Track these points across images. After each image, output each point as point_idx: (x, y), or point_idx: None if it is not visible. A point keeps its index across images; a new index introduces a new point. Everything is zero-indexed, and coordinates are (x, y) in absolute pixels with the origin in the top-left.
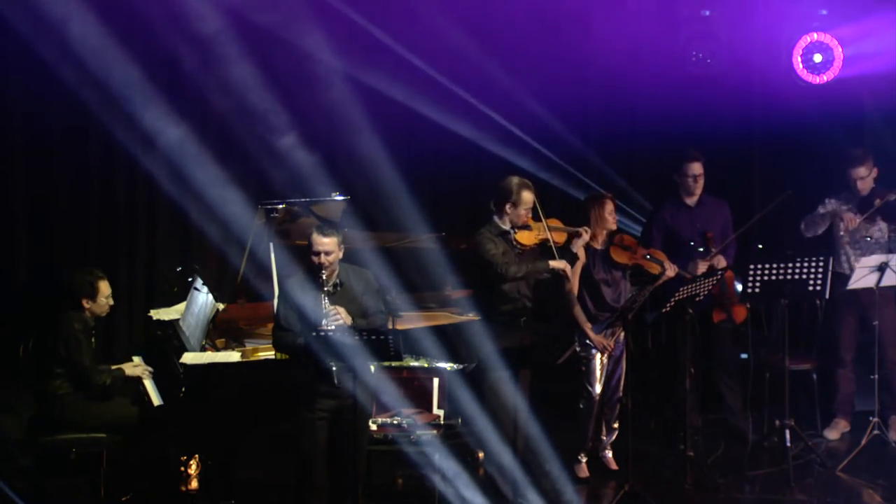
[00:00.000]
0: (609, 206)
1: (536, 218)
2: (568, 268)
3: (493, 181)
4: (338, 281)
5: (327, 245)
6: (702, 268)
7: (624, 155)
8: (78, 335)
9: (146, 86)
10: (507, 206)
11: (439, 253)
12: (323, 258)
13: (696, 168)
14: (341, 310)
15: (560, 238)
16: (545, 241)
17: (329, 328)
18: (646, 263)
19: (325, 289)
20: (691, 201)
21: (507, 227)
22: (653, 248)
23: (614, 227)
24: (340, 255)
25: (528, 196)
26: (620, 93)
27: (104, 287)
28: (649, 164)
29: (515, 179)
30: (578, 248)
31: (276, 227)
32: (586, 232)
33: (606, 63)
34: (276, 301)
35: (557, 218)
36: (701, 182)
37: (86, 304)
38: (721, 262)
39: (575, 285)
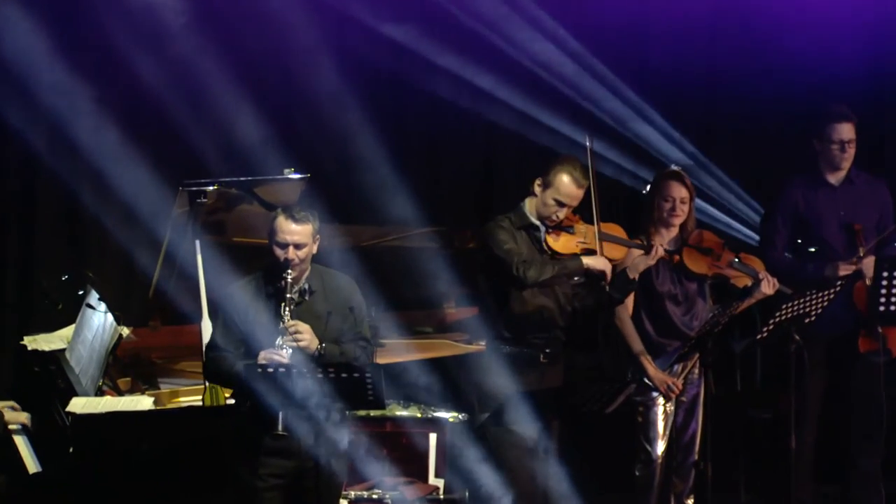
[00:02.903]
0: (677, 188)
1: (587, 220)
2: (608, 268)
3: (515, 153)
4: (306, 286)
5: (298, 234)
6: (844, 271)
7: (701, 117)
8: None
9: (21, 14)
10: (536, 184)
11: (438, 255)
12: (291, 252)
13: (846, 131)
14: (305, 327)
15: (615, 253)
16: (588, 252)
17: (282, 351)
18: (732, 273)
19: (288, 295)
20: (835, 178)
21: (534, 218)
22: (744, 253)
23: (682, 218)
24: (314, 250)
25: (567, 184)
26: (694, 29)
27: None
28: (737, 128)
29: (565, 157)
30: (639, 270)
31: (204, 218)
32: (660, 247)
33: None
34: (203, 322)
35: (618, 224)
36: (851, 152)
37: None
38: (871, 266)
39: (629, 303)
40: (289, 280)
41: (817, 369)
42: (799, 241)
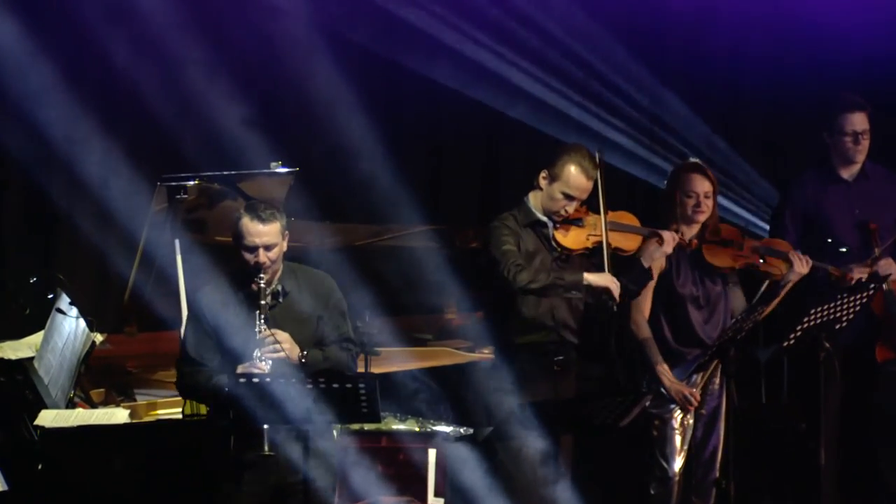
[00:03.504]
0: (701, 182)
1: (595, 209)
2: (615, 287)
3: (522, 143)
4: (279, 288)
5: (267, 235)
6: (858, 275)
7: (726, 103)
8: None
9: None
10: (542, 177)
11: (438, 255)
12: (262, 255)
13: (858, 121)
14: (283, 336)
15: (628, 244)
16: (600, 244)
17: (261, 364)
18: (758, 260)
19: (263, 302)
20: (848, 173)
21: (540, 214)
22: (768, 238)
23: (708, 213)
24: (285, 247)
25: (576, 175)
26: (718, 13)
27: None
28: (766, 116)
29: (571, 146)
30: (655, 261)
31: (184, 215)
32: (674, 236)
33: None
34: (183, 328)
35: (630, 212)
36: (865, 144)
37: None
38: (891, 267)
39: (646, 303)
40: (261, 285)
41: (834, 379)
42: (829, 240)
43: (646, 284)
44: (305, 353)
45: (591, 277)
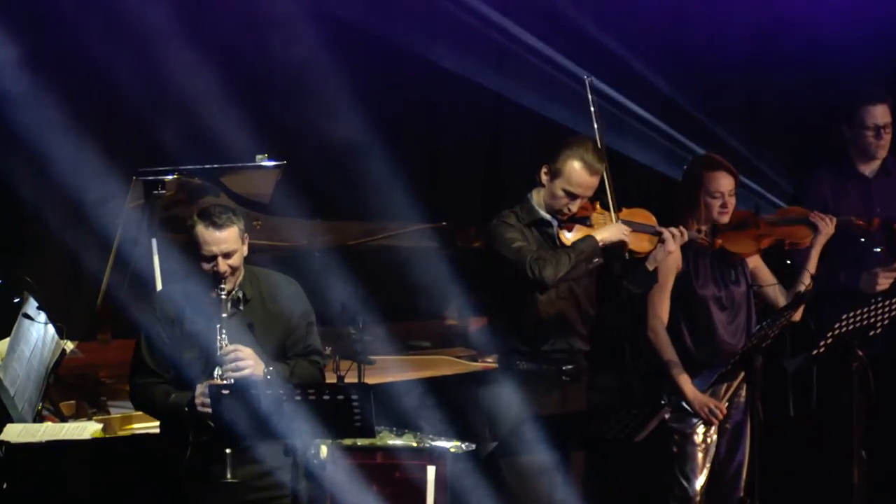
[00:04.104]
0: (725, 180)
1: (606, 206)
2: (626, 236)
3: (528, 133)
4: (240, 294)
5: (225, 242)
6: (883, 281)
7: (744, 95)
8: None
9: None
10: (543, 172)
11: (438, 255)
12: (221, 264)
13: (881, 114)
14: (247, 352)
15: (642, 245)
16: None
17: (223, 380)
18: (782, 232)
19: (223, 315)
20: (869, 169)
21: (544, 213)
22: (781, 209)
23: (732, 210)
24: (245, 251)
25: (578, 171)
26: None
27: None
28: (788, 110)
29: (574, 139)
30: (659, 261)
31: (162, 212)
32: (679, 234)
33: None
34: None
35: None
36: (888, 138)
37: None
38: None
39: (664, 308)
40: (222, 297)
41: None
42: (862, 239)
43: (650, 287)
44: (270, 368)
45: (602, 235)
